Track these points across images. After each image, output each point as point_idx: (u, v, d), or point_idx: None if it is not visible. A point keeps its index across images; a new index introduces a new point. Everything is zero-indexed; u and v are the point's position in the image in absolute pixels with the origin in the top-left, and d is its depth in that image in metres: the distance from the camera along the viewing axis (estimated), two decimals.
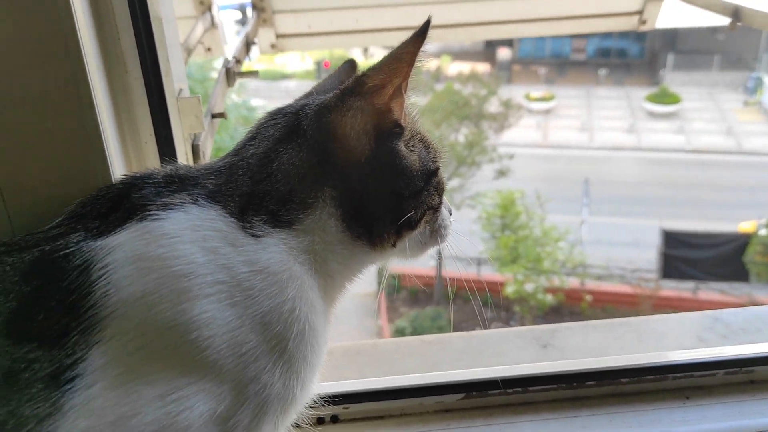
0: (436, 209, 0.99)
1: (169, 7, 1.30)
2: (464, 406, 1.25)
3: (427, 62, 0.92)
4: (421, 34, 0.87)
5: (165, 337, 0.72)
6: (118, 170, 0.95)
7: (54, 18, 0.83)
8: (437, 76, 15.18)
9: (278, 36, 2.78)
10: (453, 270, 1.08)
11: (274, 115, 0.96)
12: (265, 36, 2.76)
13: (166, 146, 1.06)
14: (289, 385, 0.80)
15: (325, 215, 0.87)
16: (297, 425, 0.96)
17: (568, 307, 10.83)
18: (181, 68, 1.34)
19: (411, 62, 0.88)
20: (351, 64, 1.11)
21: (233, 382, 0.75)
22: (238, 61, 1.91)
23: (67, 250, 0.75)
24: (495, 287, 10.52)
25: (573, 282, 11.04)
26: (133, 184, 0.84)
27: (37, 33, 0.83)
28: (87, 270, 0.73)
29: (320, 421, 1.23)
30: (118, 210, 0.80)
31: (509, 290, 10.17)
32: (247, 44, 2.23)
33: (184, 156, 1.27)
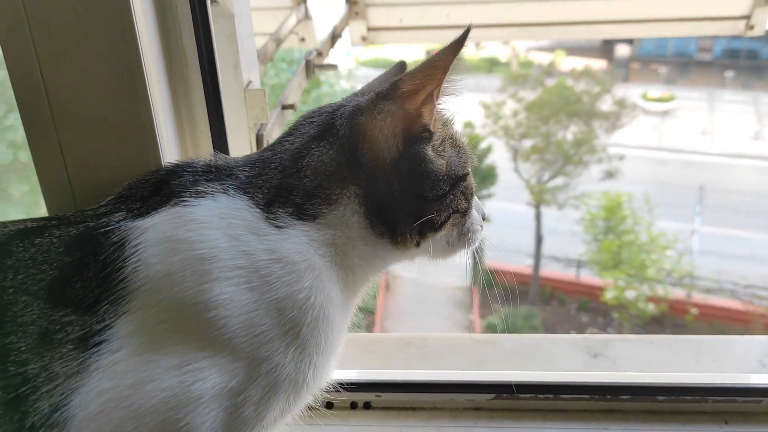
0: (463, 213, 1.00)
1: (244, 2, 1.38)
2: (494, 407, 1.26)
3: (462, 72, 0.94)
4: (459, 43, 0.89)
5: (185, 314, 0.79)
6: (170, 157, 1.03)
7: (113, 15, 0.91)
8: (549, 71, 14.79)
9: (369, 29, 2.83)
10: (550, 270, 1.09)
11: (313, 113, 1.01)
12: (356, 28, 2.82)
13: (219, 137, 1.13)
14: (301, 368, 0.85)
15: (348, 212, 0.91)
16: (327, 407, 1.01)
17: (672, 319, 10.31)
18: (252, 60, 1.41)
19: (445, 70, 0.90)
20: (401, 66, 1.13)
21: (246, 360, 0.81)
22: (320, 54, 1.98)
23: (108, 228, 0.83)
24: (593, 291, 10.21)
25: (678, 293, 10.50)
26: (174, 171, 0.91)
27: (97, 28, 0.91)
28: (122, 247, 0.81)
29: (353, 405, 1.28)
30: (158, 194, 0.88)
31: (608, 296, 9.82)
32: (333, 37, 2.30)
33: (248, 145, 1.35)
